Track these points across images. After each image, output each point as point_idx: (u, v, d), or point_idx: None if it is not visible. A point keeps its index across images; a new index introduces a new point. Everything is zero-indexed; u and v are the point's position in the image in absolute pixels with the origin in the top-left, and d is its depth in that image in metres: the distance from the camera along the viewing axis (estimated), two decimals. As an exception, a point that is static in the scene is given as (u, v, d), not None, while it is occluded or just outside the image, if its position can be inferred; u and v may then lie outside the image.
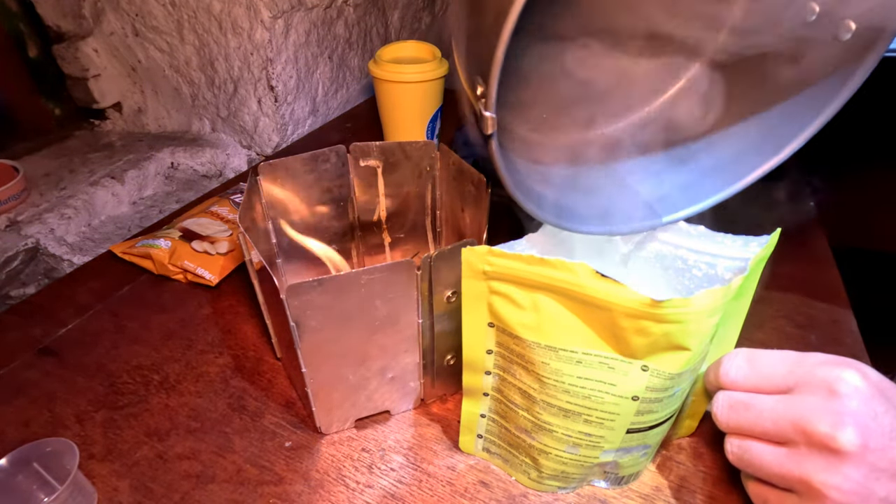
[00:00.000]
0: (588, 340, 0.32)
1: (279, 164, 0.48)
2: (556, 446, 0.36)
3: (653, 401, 0.32)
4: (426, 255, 0.36)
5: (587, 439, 0.35)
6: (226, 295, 0.58)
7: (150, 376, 0.49)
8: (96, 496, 0.39)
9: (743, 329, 0.37)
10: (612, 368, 0.32)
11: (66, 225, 0.72)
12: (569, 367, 0.32)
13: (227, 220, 0.64)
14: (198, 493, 0.40)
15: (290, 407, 0.46)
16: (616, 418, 0.33)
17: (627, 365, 0.31)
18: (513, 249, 0.32)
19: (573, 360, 0.32)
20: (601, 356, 0.32)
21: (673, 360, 0.31)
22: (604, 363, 0.32)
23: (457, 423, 0.45)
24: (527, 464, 0.38)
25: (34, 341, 0.53)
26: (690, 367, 0.32)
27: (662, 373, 0.31)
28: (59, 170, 0.80)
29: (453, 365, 0.45)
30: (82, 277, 0.61)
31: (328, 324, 0.37)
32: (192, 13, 0.79)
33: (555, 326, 0.32)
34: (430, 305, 0.39)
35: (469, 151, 0.77)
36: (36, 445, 0.38)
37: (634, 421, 0.33)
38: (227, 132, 0.92)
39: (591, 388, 0.32)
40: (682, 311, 0.28)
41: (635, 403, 0.32)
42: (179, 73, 0.87)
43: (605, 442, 0.35)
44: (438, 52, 0.79)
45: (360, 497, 0.39)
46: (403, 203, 0.55)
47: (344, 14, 0.94)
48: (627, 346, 0.31)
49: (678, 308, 0.28)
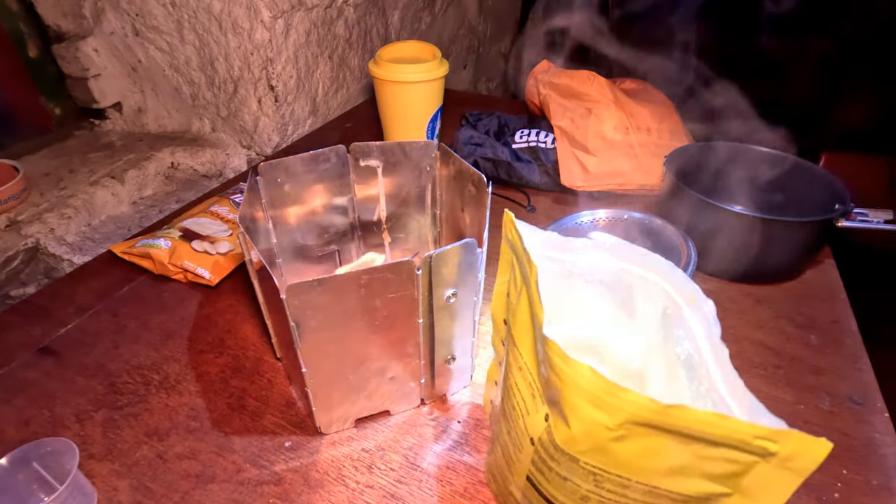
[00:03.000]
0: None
1: (279, 164, 0.48)
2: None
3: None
4: (426, 255, 0.36)
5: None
6: (226, 295, 0.58)
7: (150, 376, 0.49)
8: (96, 496, 0.39)
9: (743, 329, 0.37)
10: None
11: (66, 225, 0.72)
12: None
13: (227, 220, 0.64)
14: (198, 492, 0.40)
15: (290, 407, 0.46)
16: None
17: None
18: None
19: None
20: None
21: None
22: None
23: (456, 422, 0.45)
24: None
25: (34, 341, 0.53)
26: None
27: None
28: (59, 169, 0.80)
29: (453, 365, 0.45)
30: (82, 277, 0.61)
31: (328, 324, 0.37)
32: (193, 13, 0.79)
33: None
34: (430, 305, 0.39)
35: (469, 151, 0.77)
36: (36, 445, 0.38)
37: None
38: (227, 132, 0.92)
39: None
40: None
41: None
42: (179, 73, 0.87)
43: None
44: (438, 52, 0.79)
45: (360, 497, 0.39)
46: (403, 203, 0.55)
47: (344, 14, 0.94)
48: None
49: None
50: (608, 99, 0.74)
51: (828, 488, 0.40)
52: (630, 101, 0.75)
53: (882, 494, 0.40)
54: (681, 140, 0.74)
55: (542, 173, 0.75)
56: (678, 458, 0.26)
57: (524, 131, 0.78)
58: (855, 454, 0.42)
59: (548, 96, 0.78)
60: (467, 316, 0.42)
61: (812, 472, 0.24)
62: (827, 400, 0.47)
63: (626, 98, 0.75)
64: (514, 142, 0.77)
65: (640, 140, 0.73)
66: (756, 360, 0.51)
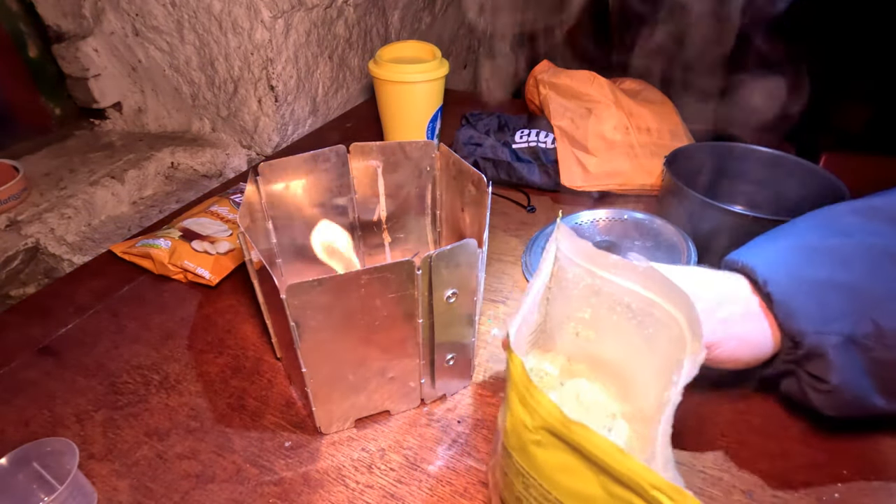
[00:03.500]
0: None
1: (279, 163, 0.48)
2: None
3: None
4: (426, 255, 0.36)
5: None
6: (226, 295, 0.58)
7: (150, 376, 0.49)
8: (96, 496, 0.39)
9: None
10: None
11: (66, 224, 0.72)
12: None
13: (227, 219, 0.64)
14: (198, 492, 0.40)
15: (290, 407, 0.46)
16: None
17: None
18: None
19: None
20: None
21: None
22: None
23: (456, 422, 0.45)
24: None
25: (34, 341, 0.53)
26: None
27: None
28: (59, 169, 0.80)
29: (453, 365, 0.45)
30: (82, 277, 0.61)
31: (328, 324, 0.37)
32: (193, 13, 0.79)
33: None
34: (429, 305, 0.39)
35: (469, 151, 0.77)
36: (36, 445, 0.38)
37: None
38: (227, 132, 0.92)
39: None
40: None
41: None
42: (179, 73, 0.87)
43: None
44: (438, 52, 0.79)
45: (360, 497, 0.39)
46: (403, 203, 0.55)
47: (344, 14, 0.94)
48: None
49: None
50: (608, 99, 0.74)
51: (828, 488, 0.40)
52: (630, 101, 0.75)
53: (882, 494, 0.40)
54: (681, 140, 0.74)
55: (542, 173, 0.75)
56: (590, 486, 0.26)
57: (524, 131, 0.78)
58: (855, 454, 0.42)
59: (548, 96, 0.78)
60: (467, 316, 0.42)
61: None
62: (827, 400, 0.47)
63: (626, 98, 0.75)
64: (514, 142, 0.77)
65: (640, 140, 0.73)
66: (756, 360, 0.51)
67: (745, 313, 0.39)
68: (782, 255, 0.40)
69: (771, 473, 0.41)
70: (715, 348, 0.38)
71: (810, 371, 0.38)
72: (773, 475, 0.41)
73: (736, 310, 0.39)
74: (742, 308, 0.39)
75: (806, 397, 0.39)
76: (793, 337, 0.37)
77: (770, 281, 0.38)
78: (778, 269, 0.39)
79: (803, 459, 0.42)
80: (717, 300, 0.39)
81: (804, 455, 0.42)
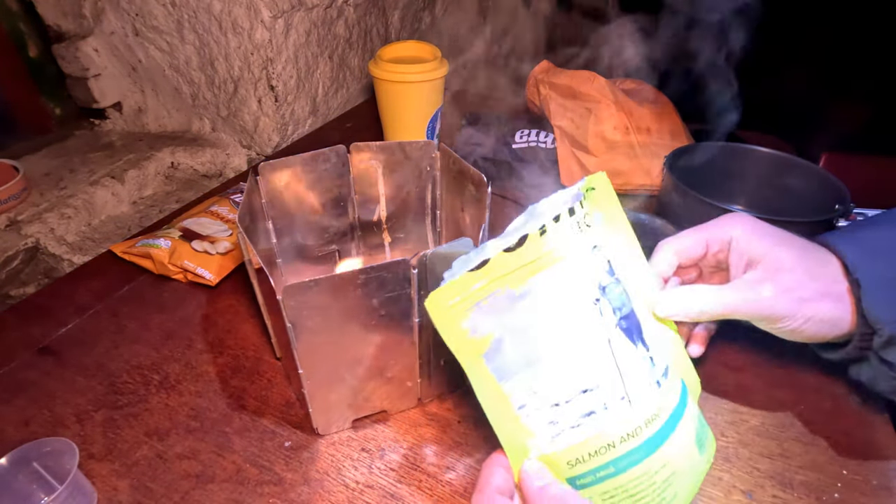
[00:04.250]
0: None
1: (279, 163, 0.48)
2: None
3: None
4: (422, 254, 0.36)
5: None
6: (225, 295, 0.58)
7: (150, 376, 0.49)
8: (96, 496, 0.39)
9: (744, 328, 0.36)
10: None
11: (66, 224, 0.72)
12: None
13: (227, 219, 0.64)
14: (197, 492, 0.40)
15: (290, 407, 0.46)
16: None
17: None
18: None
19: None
20: None
21: None
22: None
23: (456, 422, 0.45)
24: None
25: (34, 341, 0.53)
26: None
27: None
28: (59, 169, 0.80)
29: (451, 364, 0.44)
30: (82, 277, 0.61)
31: (325, 324, 0.37)
32: (193, 13, 0.79)
33: None
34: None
35: (469, 151, 0.77)
36: (36, 445, 0.38)
37: None
38: (227, 132, 0.92)
39: None
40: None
41: None
42: (179, 73, 0.87)
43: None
44: (438, 52, 0.79)
45: (360, 497, 0.39)
46: (403, 203, 0.55)
47: (344, 14, 0.94)
48: None
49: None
50: (608, 99, 0.74)
51: (828, 488, 0.40)
52: (630, 101, 0.75)
53: (882, 494, 0.40)
54: (681, 140, 0.74)
55: (542, 173, 0.75)
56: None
57: (524, 131, 0.78)
58: (855, 454, 0.42)
59: (548, 96, 0.78)
60: (467, 316, 0.42)
61: None
62: (828, 400, 0.47)
63: (626, 98, 0.75)
64: (514, 142, 0.77)
65: (640, 140, 0.73)
66: (757, 359, 0.51)
67: (826, 293, 0.39)
68: (878, 243, 0.41)
69: (771, 473, 0.41)
70: (787, 321, 0.38)
71: (887, 359, 0.38)
72: (773, 475, 0.41)
73: (818, 287, 0.39)
74: (823, 287, 0.39)
75: (877, 384, 0.40)
76: (874, 324, 0.38)
77: (860, 268, 0.39)
78: (872, 258, 0.39)
79: (803, 459, 0.42)
80: (807, 274, 0.39)
81: (804, 455, 0.42)
